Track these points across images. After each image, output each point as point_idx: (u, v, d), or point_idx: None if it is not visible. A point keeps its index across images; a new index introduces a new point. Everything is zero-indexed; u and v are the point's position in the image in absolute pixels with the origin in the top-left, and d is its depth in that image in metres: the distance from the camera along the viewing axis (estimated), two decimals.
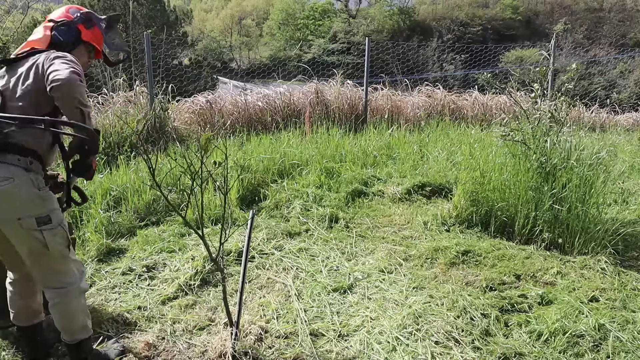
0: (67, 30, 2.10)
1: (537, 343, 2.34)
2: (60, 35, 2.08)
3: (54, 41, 2.06)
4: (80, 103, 1.82)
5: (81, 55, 2.13)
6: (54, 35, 2.07)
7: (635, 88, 28.15)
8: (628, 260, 3.32)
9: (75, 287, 1.99)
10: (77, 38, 2.12)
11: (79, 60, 2.03)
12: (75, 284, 1.99)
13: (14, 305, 2.13)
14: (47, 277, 1.97)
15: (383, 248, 3.43)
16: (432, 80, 11.47)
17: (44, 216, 1.88)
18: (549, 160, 3.64)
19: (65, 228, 1.97)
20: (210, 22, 48.22)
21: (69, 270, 1.99)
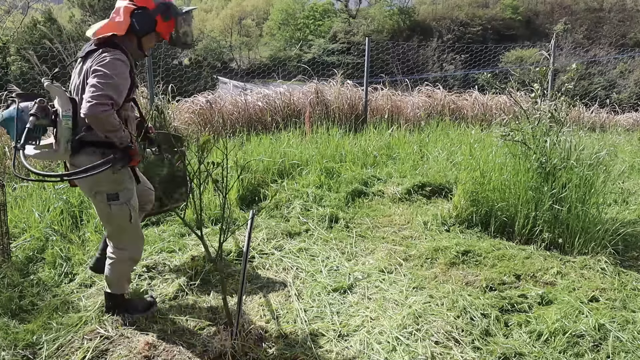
0: (145, 20, 2.24)
1: (537, 343, 2.34)
2: (138, 23, 2.23)
3: (131, 28, 2.24)
4: (105, 131, 2.12)
5: (149, 41, 2.36)
6: (132, 23, 2.22)
7: (635, 88, 28.15)
8: (628, 260, 3.32)
9: (124, 253, 2.39)
10: (152, 28, 2.29)
11: (146, 44, 2.34)
12: (125, 251, 2.40)
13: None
14: (109, 236, 2.43)
15: (383, 248, 3.43)
16: (432, 80, 11.48)
17: (113, 193, 2.28)
18: (549, 160, 3.64)
19: (130, 206, 2.32)
20: (210, 22, 48.24)
21: (123, 239, 2.40)
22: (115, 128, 2.13)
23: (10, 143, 5.20)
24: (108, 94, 2.06)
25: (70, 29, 18.35)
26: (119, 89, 2.13)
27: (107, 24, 2.22)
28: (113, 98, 2.09)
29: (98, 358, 2.23)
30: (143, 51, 2.38)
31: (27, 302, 2.67)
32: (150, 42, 2.37)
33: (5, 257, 3.08)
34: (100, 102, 2.03)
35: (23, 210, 3.76)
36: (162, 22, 2.29)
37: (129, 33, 2.24)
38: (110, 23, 2.23)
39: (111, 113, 2.08)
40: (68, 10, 26.22)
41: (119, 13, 2.22)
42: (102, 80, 2.07)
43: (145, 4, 2.24)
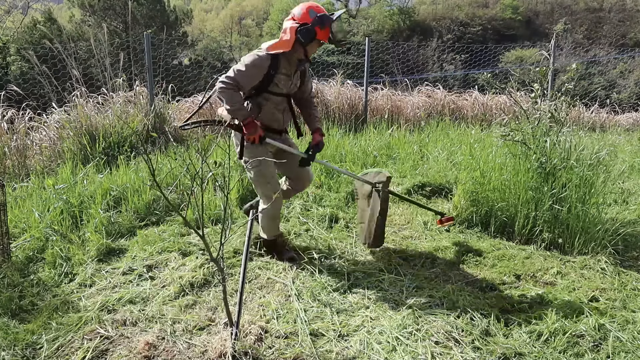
0: (306, 33, 2.78)
1: (537, 343, 2.34)
2: (302, 37, 2.78)
3: (297, 42, 2.80)
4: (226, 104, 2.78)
5: (312, 48, 2.88)
6: (298, 38, 2.78)
7: (635, 88, 28.15)
8: (628, 260, 3.33)
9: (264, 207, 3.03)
10: (313, 38, 2.80)
11: (311, 50, 2.88)
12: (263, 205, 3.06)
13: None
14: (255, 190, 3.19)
15: (383, 248, 3.43)
16: (432, 80, 11.48)
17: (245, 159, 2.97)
18: (549, 160, 3.64)
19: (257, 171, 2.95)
20: (210, 22, 48.25)
21: (259, 194, 3.12)
22: (232, 103, 2.75)
23: (9, 143, 5.20)
24: (234, 77, 2.75)
25: (70, 29, 18.35)
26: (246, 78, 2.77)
27: (277, 42, 2.81)
28: (237, 81, 2.75)
29: (98, 358, 2.23)
30: (308, 57, 2.91)
31: (27, 302, 2.67)
32: (313, 48, 2.89)
33: (5, 257, 3.08)
34: (224, 82, 2.74)
35: (23, 210, 3.76)
36: (321, 31, 2.79)
37: (295, 45, 2.80)
38: (280, 42, 2.81)
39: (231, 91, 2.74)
40: (68, 10, 26.21)
41: (286, 32, 2.80)
42: (237, 67, 2.79)
43: (305, 20, 2.77)
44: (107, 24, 19.82)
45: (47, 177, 4.43)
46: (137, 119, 5.76)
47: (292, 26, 2.78)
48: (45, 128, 5.67)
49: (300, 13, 2.79)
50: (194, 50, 31.84)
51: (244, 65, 2.76)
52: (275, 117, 3.00)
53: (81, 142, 5.27)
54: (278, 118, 3.01)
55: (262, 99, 2.92)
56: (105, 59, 6.06)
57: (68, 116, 5.56)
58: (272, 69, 2.82)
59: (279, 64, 2.84)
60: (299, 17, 2.79)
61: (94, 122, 5.48)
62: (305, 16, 2.77)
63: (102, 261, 3.18)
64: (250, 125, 2.81)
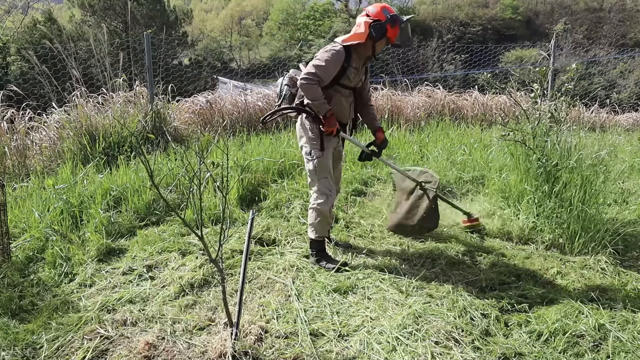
0: (379, 29, 2.95)
1: (537, 343, 2.34)
2: (374, 32, 2.95)
3: (369, 35, 2.96)
4: (308, 98, 2.96)
5: (380, 45, 3.03)
6: (370, 32, 2.95)
7: (635, 88, 28.13)
8: (628, 260, 3.33)
9: (317, 202, 3.08)
10: (383, 34, 2.97)
11: (378, 47, 3.03)
12: (317, 201, 3.08)
13: None
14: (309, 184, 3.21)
15: (383, 248, 3.43)
16: (432, 80, 11.47)
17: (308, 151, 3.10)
18: (549, 160, 3.64)
19: (315, 164, 3.06)
20: (210, 22, 48.23)
21: (315, 189, 3.12)
22: (316, 97, 2.92)
23: (9, 143, 5.20)
24: (316, 72, 2.90)
25: (70, 29, 18.35)
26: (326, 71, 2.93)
27: (352, 35, 3.00)
28: (318, 76, 2.90)
29: (98, 358, 2.23)
30: (375, 54, 3.06)
31: (27, 302, 2.67)
32: (381, 46, 3.04)
33: (5, 257, 3.08)
34: (307, 77, 2.90)
35: (23, 210, 3.76)
36: (391, 29, 2.96)
37: (367, 40, 2.97)
38: (355, 34, 2.99)
39: (314, 85, 2.90)
40: (68, 10, 26.20)
41: (360, 26, 2.98)
42: (316, 62, 2.94)
43: (378, 17, 2.96)
44: (107, 24, 19.82)
45: (47, 177, 4.43)
46: (137, 119, 5.75)
47: (366, 21, 2.97)
48: (45, 128, 5.67)
49: (374, 11, 2.99)
50: (194, 50, 31.83)
51: (324, 60, 2.93)
52: (343, 109, 3.14)
53: (81, 142, 5.27)
54: (345, 110, 3.16)
55: (333, 91, 3.06)
56: (105, 59, 6.06)
57: (68, 116, 5.55)
58: (345, 62, 2.99)
59: (351, 58, 3.01)
60: (373, 13, 2.98)
61: (94, 122, 5.47)
62: (379, 14, 2.97)
63: (102, 261, 3.18)
64: (331, 118, 2.99)
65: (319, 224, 3.10)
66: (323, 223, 3.11)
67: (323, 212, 3.07)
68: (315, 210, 3.08)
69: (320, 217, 3.08)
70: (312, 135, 3.08)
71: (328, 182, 3.09)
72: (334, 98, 3.07)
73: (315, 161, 3.06)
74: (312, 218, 3.11)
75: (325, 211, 3.07)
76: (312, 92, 2.91)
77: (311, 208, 3.11)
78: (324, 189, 3.07)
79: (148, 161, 1.96)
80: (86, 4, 21.27)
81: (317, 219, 3.09)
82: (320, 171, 3.07)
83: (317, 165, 3.06)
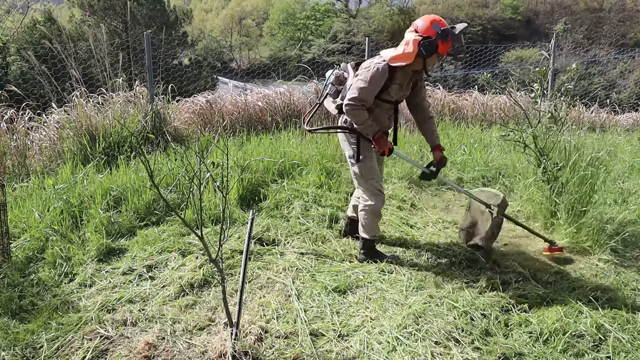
0: (429, 47, 2.79)
1: (537, 343, 2.34)
2: (424, 50, 2.80)
3: (419, 54, 2.82)
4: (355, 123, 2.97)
5: (432, 60, 2.90)
6: (420, 51, 2.80)
7: (635, 88, 28.12)
8: (628, 260, 3.32)
9: (367, 203, 3.11)
10: (435, 51, 2.81)
11: (430, 62, 2.89)
12: (367, 202, 3.11)
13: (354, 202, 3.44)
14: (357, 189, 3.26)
15: (383, 248, 3.43)
16: (432, 80, 11.44)
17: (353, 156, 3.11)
18: (549, 160, 3.64)
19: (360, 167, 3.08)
20: (210, 22, 48.24)
21: (364, 191, 3.14)
22: (363, 122, 2.91)
23: (9, 143, 5.20)
24: (360, 97, 2.87)
25: (70, 29, 18.34)
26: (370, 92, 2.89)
27: (400, 55, 2.84)
28: (364, 100, 2.88)
29: (98, 358, 2.23)
30: (426, 70, 2.93)
31: (27, 302, 2.67)
32: (433, 61, 2.92)
33: (5, 257, 3.08)
34: (352, 103, 2.88)
35: (23, 210, 3.76)
36: (442, 45, 2.80)
37: (416, 57, 2.83)
38: (403, 54, 2.84)
39: (360, 110, 2.88)
40: (68, 10, 26.20)
41: (409, 45, 2.82)
42: (360, 84, 2.89)
43: (428, 34, 2.79)
44: (107, 24, 19.81)
45: (47, 177, 4.43)
46: (137, 119, 5.75)
47: (415, 39, 2.82)
48: (45, 128, 5.67)
49: (424, 26, 2.82)
50: (194, 50, 31.82)
51: (367, 81, 2.87)
52: (383, 122, 3.09)
53: (81, 142, 5.27)
54: (384, 123, 3.12)
55: (373, 105, 3.01)
56: (105, 59, 6.06)
57: (68, 116, 5.55)
58: (388, 80, 2.91)
59: (395, 75, 2.92)
60: (422, 29, 2.82)
61: (94, 122, 5.47)
62: (428, 29, 2.80)
63: (102, 261, 3.18)
64: (381, 139, 2.96)
65: (370, 225, 3.13)
66: (374, 223, 3.14)
67: (374, 213, 3.10)
68: (365, 212, 3.12)
69: (371, 217, 3.11)
70: (353, 140, 3.09)
71: (376, 183, 3.10)
72: (374, 112, 3.04)
73: (360, 164, 3.07)
74: (363, 219, 3.14)
75: (376, 211, 3.10)
76: (358, 117, 2.90)
77: (361, 210, 3.15)
78: (372, 189, 3.09)
79: (148, 161, 1.97)
80: (86, 4, 21.26)
81: (366, 220, 3.13)
82: (366, 173, 3.08)
83: (362, 168, 3.07)
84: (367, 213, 3.12)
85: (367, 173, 3.08)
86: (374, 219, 3.12)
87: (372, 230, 3.16)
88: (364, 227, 3.16)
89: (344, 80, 3.16)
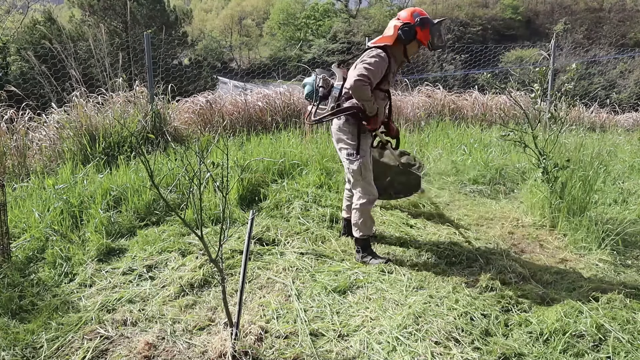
0: (408, 32, 3.03)
1: (537, 343, 2.34)
2: (403, 34, 3.03)
3: (398, 38, 3.05)
4: (361, 99, 3.01)
5: (412, 47, 3.11)
6: (399, 35, 3.04)
7: (635, 88, 28.12)
8: (628, 260, 3.32)
9: (362, 202, 3.14)
10: (413, 37, 3.04)
11: (410, 50, 3.11)
12: (361, 200, 3.15)
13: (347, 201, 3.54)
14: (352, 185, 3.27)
15: (383, 248, 3.43)
16: (432, 80, 11.46)
17: (351, 152, 3.14)
18: (549, 160, 3.64)
19: (360, 164, 3.11)
20: (210, 22, 48.25)
21: (359, 189, 3.17)
22: (369, 98, 2.99)
23: (9, 143, 5.19)
24: (368, 75, 2.95)
25: (70, 29, 18.34)
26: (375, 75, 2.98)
27: (381, 37, 3.10)
28: (370, 79, 2.96)
29: (98, 358, 2.23)
30: (407, 57, 3.14)
31: (27, 302, 2.67)
32: (413, 49, 3.13)
33: (5, 257, 3.08)
34: (361, 78, 2.94)
35: (23, 210, 3.76)
36: (420, 32, 3.03)
37: (397, 42, 3.06)
38: (383, 37, 3.09)
39: (367, 87, 2.95)
40: (68, 10, 26.19)
41: (390, 29, 3.07)
42: (367, 67, 2.96)
43: (408, 20, 3.04)
44: (107, 24, 19.80)
45: (47, 177, 4.43)
46: (137, 119, 5.75)
47: (395, 24, 3.07)
48: (45, 128, 5.67)
49: (405, 14, 3.08)
50: (194, 50, 31.81)
51: (372, 64, 2.98)
52: (380, 112, 3.18)
53: (81, 142, 5.27)
54: (381, 112, 3.21)
55: (377, 98, 3.14)
56: (105, 59, 6.06)
57: (68, 116, 5.55)
58: (390, 67, 3.08)
59: (391, 63, 3.08)
60: (403, 17, 3.07)
61: (94, 122, 5.47)
62: (409, 17, 3.06)
63: (102, 261, 3.18)
64: (377, 117, 3.12)
65: (363, 223, 3.17)
66: (367, 222, 3.18)
67: (367, 212, 3.15)
68: (359, 210, 3.16)
69: (364, 216, 3.15)
70: (352, 137, 3.14)
71: (371, 182, 3.17)
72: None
73: (361, 161, 3.12)
74: (357, 218, 3.17)
75: (369, 210, 3.16)
76: (366, 92, 2.97)
77: (355, 208, 3.18)
78: (368, 187, 3.15)
79: (148, 161, 1.96)
80: (86, 4, 21.25)
81: (361, 219, 3.16)
82: (365, 171, 3.13)
83: (362, 165, 3.12)
84: (359, 212, 3.16)
85: (366, 170, 3.14)
86: (366, 217, 3.16)
87: (365, 230, 3.19)
88: (358, 226, 3.18)
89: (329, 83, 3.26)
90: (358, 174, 3.14)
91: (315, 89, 3.28)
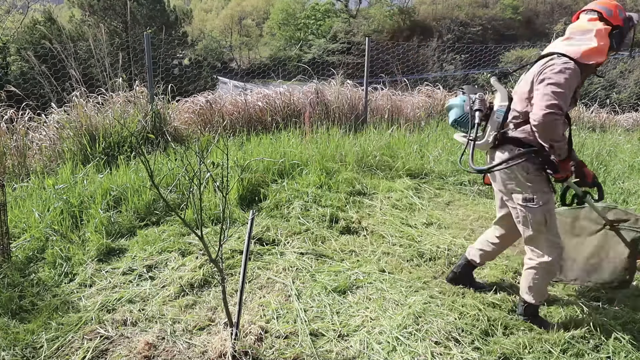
0: (619, 38, 2.29)
1: (537, 343, 2.34)
2: (615, 42, 2.28)
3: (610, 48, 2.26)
4: (550, 140, 2.21)
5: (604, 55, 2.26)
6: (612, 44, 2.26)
7: (635, 88, 28.12)
8: None
9: (543, 260, 2.39)
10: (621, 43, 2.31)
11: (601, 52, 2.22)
12: (543, 258, 2.39)
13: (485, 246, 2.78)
14: (525, 240, 2.46)
15: (383, 248, 3.43)
16: (432, 80, 11.48)
17: (529, 196, 2.35)
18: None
19: (545, 211, 2.34)
20: (210, 22, 48.27)
21: (539, 244, 2.41)
22: (560, 139, 2.22)
23: (9, 143, 5.19)
24: (559, 103, 2.14)
25: (70, 29, 18.34)
26: (567, 98, 2.19)
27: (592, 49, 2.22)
28: (562, 108, 2.16)
29: (98, 358, 2.23)
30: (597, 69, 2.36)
31: (27, 302, 2.67)
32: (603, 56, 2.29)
33: (5, 257, 3.08)
34: (553, 111, 2.14)
35: (23, 210, 3.76)
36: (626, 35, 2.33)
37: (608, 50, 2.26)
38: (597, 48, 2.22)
39: (560, 121, 2.17)
40: (68, 10, 26.20)
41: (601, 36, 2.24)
42: (556, 89, 2.16)
43: (618, 22, 2.28)
44: (107, 24, 19.81)
45: (47, 177, 4.43)
46: (137, 119, 5.75)
47: (606, 28, 2.26)
48: (45, 128, 5.67)
49: (611, 12, 2.28)
50: (194, 50, 31.82)
51: (563, 85, 2.18)
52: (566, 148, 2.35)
53: (81, 142, 5.27)
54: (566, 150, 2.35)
55: None
56: (105, 59, 6.06)
57: (68, 116, 5.55)
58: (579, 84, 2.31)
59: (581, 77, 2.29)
60: (611, 17, 2.27)
61: (94, 122, 5.47)
62: (617, 17, 2.28)
63: (102, 261, 3.18)
64: (567, 162, 2.31)
65: (541, 286, 2.45)
66: (547, 284, 2.49)
67: (550, 272, 2.44)
68: (539, 270, 2.42)
69: (546, 277, 2.43)
70: (533, 176, 2.35)
71: (557, 231, 2.43)
72: None
73: (544, 207, 2.35)
74: (533, 280, 2.44)
75: (554, 270, 2.45)
76: (557, 130, 2.19)
77: (534, 268, 2.43)
78: (555, 239, 2.40)
79: (148, 161, 1.97)
80: (86, 4, 21.26)
81: (539, 280, 2.43)
82: (550, 220, 2.37)
83: (547, 213, 2.36)
84: (541, 272, 2.42)
85: (551, 219, 2.38)
86: (548, 279, 2.46)
87: (543, 295, 2.49)
88: (531, 289, 2.46)
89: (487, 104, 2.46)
90: (542, 224, 2.37)
91: (469, 114, 2.44)
